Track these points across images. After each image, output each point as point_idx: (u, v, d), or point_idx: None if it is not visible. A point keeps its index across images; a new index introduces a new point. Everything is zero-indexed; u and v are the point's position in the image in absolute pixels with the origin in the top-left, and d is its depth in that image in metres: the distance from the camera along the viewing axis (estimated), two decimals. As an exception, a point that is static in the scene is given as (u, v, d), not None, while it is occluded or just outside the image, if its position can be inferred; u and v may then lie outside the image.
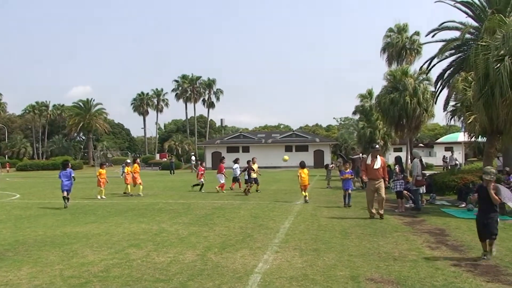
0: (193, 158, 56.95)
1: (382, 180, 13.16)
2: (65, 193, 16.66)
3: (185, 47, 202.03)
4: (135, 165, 22.85)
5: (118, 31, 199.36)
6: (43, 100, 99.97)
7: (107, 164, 70.25)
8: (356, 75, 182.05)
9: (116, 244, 9.48)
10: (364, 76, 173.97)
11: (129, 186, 22.13)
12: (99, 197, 20.19)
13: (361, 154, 28.75)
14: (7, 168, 69.18)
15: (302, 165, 17.76)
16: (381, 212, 13.00)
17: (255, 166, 22.52)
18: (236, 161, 24.42)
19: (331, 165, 30.48)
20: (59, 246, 9.29)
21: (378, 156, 13.30)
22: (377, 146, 14.13)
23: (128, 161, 25.55)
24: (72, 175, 17.18)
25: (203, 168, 24.86)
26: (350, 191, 15.98)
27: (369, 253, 8.38)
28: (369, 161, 13.24)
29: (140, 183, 22.00)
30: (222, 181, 22.94)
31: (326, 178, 28.02)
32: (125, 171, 23.28)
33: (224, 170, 23.70)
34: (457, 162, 39.54)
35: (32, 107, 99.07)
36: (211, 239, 9.89)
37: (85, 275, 7.03)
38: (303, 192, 17.50)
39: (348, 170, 16.39)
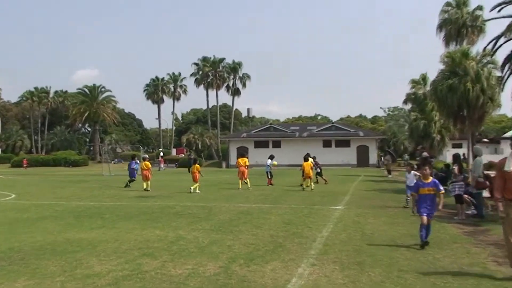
0: (161, 154, 58.35)
1: None
2: None
3: (207, 24, 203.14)
4: (146, 162, 26.30)
5: (130, 5, 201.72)
6: (43, 86, 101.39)
7: (116, 160, 71.49)
8: (408, 57, 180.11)
9: (127, 253, 9.56)
10: (416, 58, 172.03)
11: (146, 183, 25.26)
12: (198, 191, 23.15)
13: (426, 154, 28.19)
14: (24, 165, 70.00)
15: (305, 159, 25.34)
16: None
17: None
18: (271, 157, 28.69)
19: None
20: (61, 255, 9.41)
21: None
22: None
23: (146, 156, 28.78)
24: None
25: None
26: (427, 218, 10.29)
27: (423, 268, 8.26)
28: (509, 167, 8.08)
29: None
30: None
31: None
32: (140, 167, 26.63)
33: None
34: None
35: (30, 93, 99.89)
36: (236, 248, 9.90)
37: (90, 288, 7.11)
38: (309, 183, 24.45)
39: (430, 180, 10.51)
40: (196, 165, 24.58)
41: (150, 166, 26.55)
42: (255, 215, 15.05)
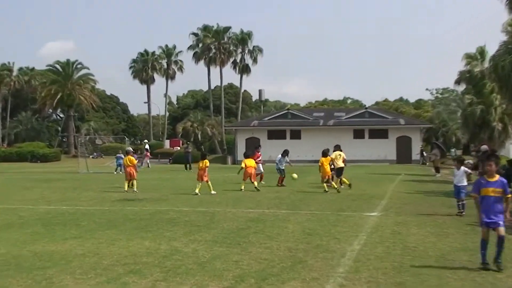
0: (146, 146, 58.25)
1: None
2: None
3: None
4: (130, 156, 26.76)
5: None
6: (4, 62, 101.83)
7: (95, 154, 71.67)
8: (460, 26, 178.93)
9: (109, 269, 9.58)
10: (471, 28, 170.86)
11: (132, 182, 25.66)
12: (197, 191, 23.63)
13: (486, 147, 27.72)
14: None
15: (324, 153, 25.07)
16: None
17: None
18: (286, 153, 29.34)
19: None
20: (28, 271, 9.44)
21: None
22: None
23: (130, 149, 28.89)
24: None
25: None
26: (503, 232, 9.53)
27: (480, 291, 8.21)
28: None
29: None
30: (262, 170, 27.76)
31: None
32: (123, 163, 26.75)
33: (261, 158, 27.26)
34: None
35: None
36: (244, 265, 9.91)
37: (64, 313, 7.14)
38: (333, 183, 24.16)
39: (496, 179, 9.80)
40: (205, 160, 24.71)
41: (135, 161, 26.87)
42: (269, 223, 15.05)
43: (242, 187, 25.34)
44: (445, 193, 23.71)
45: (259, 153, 30.65)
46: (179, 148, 78.94)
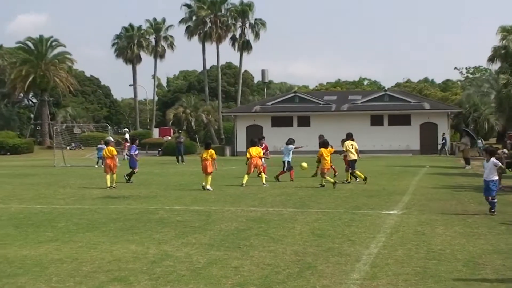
0: (126, 136, 58.13)
1: None
2: None
3: None
4: (111, 147, 26.92)
5: None
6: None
7: (73, 145, 71.57)
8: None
9: (89, 277, 9.61)
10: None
11: (110, 177, 25.57)
12: (208, 187, 23.84)
13: None
14: None
15: (325, 143, 25.21)
16: None
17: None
18: (291, 142, 29.06)
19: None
20: (-3, 279, 9.51)
21: None
22: None
23: (111, 138, 27.95)
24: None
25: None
26: None
27: (515, 299, 8.26)
28: None
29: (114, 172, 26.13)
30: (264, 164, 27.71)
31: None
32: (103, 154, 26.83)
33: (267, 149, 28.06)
34: None
35: None
36: (245, 271, 9.94)
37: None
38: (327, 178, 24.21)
39: None
40: (210, 150, 24.83)
41: (115, 153, 27.04)
42: (273, 224, 15.10)
43: (244, 182, 25.43)
44: (476, 188, 23.73)
45: (265, 145, 30.80)
46: (170, 137, 78.94)
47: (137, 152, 29.81)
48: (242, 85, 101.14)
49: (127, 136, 59.22)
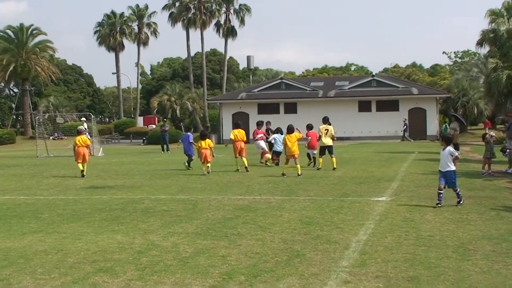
0: (84, 126, 57.85)
1: None
2: None
3: None
4: (83, 136, 27.40)
5: None
6: None
7: (56, 135, 71.31)
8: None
9: (75, 268, 9.60)
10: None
11: (81, 165, 26.34)
12: (209, 169, 25.50)
13: None
14: None
15: (289, 129, 24.65)
16: None
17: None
18: (279, 131, 29.57)
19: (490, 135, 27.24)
20: (-20, 272, 9.46)
21: None
22: None
23: (85, 126, 29.14)
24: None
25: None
26: None
27: (505, 285, 8.31)
28: None
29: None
30: (265, 148, 29.98)
31: (485, 156, 25.41)
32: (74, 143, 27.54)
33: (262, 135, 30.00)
34: None
35: None
36: (233, 260, 9.96)
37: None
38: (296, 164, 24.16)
39: None
40: (207, 139, 25.70)
41: (89, 142, 28.12)
42: (261, 212, 15.13)
43: (239, 167, 26.43)
44: (465, 173, 23.86)
45: (261, 130, 31.91)
46: (154, 126, 78.88)
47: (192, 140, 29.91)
48: (228, 72, 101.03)
49: (84, 126, 58.84)
